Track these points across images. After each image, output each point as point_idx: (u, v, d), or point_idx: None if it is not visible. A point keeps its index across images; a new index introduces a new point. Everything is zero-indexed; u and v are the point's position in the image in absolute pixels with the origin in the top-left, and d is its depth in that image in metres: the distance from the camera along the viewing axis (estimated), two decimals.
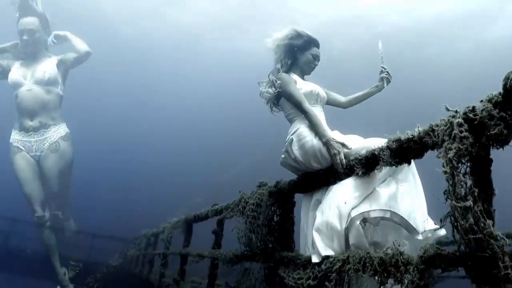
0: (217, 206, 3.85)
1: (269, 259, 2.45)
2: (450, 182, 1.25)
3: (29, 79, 4.12)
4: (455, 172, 1.24)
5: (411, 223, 2.03)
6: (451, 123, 1.35)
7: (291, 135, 2.50)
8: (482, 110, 1.29)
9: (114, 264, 6.11)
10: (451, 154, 1.26)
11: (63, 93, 4.42)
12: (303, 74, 2.86)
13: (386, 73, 2.76)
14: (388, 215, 2.03)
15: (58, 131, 4.27)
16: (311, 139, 2.33)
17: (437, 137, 1.46)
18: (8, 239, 7.61)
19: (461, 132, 1.30)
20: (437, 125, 1.49)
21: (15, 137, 4.32)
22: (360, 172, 1.90)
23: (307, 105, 2.45)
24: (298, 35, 2.80)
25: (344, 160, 2.06)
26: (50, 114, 4.21)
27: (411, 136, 1.60)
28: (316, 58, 2.83)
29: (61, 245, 7.75)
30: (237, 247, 2.92)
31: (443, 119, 1.47)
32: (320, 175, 2.25)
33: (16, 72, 4.15)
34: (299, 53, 2.80)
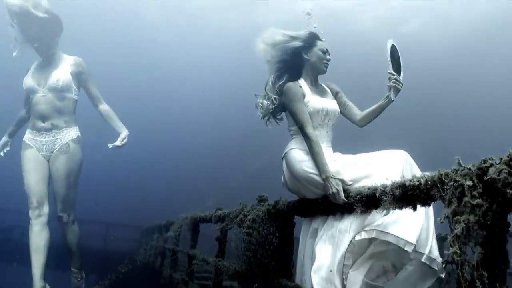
0: (220, 212, 3.76)
1: (267, 286, 2.33)
2: (458, 261, 1.07)
3: (43, 85, 4.12)
4: (462, 250, 1.06)
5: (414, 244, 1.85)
6: (462, 185, 1.15)
7: (283, 155, 2.31)
8: (499, 172, 1.10)
9: (123, 271, 6.17)
10: (459, 228, 1.07)
11: (77, 97, 4.33)
12: (316, 75, 2.49)
13: (394, 80, 2.25)
14: (373, 234, 1.87)
15: (69, 134, 4.25)
16: (300, 168, 2.14)
17: (445, 192, 1.27)
18: (25, 234, 7.75)
19: (473, 198, 1.11)
20: (447, 175, 1.30)
21: (27, 135, 4.29)
22: (359, 211, 1.73)
23: (310, 129, 2.16)
24: (295, 36, 2.43)
25: (344, 199, 1.87)
26: (63, 117, 4.22)
27: (416, 184, 1.41)
28: (326, 52, 2.45)
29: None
30: None
31: (454, 170, 1.28)
32: (318, 204, 2.09)
33: (31, 79, 4.15)
34: (305, 53, 2.43)
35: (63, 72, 4.13)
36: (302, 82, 2.40)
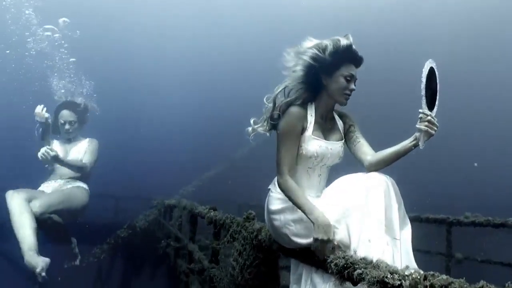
0: (212, 214, 3.61)
1: None
2: None
3: (66, 157, 4.64)
4: None
5: None
6: None
7: (268, 189, 2.05)
8: None
9: (122, 235, 6.25)
10: None
11: (89, 169, 4.87)
12: (332, 105, 2.01)
13: (427, 123, 1.67)
14: None
15: (79, 184, 4.73)
16: (279, 218, 1.88)
17: None
18: None
19: None
20: None
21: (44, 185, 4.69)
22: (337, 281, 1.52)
23: (284, 176, 1.82)
24: (324, 48, 1.86)
25: (326, 255, 1.59)
26: (77, 175, 4.73)
27: (397, 284, 1.17)
28: (351, 79, 1.89)
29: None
30: None
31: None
32: (298, 254, 1.87)
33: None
34: (323, 76, 1.90)
35: (82, 147, 4.81)
36: (311, 109, 1.95)
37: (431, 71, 1.70)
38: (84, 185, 4.76)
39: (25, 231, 3.79)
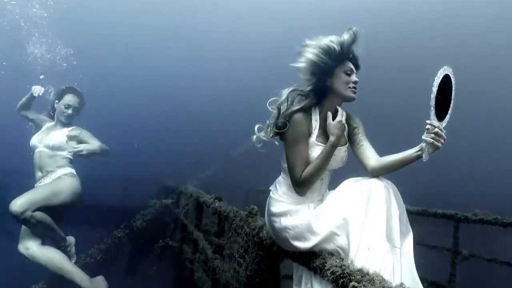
0: (217, 204, 3.63)
1: None
2: None
3: (42, 143, 4.49)
4: None
5: None
6: None
7: (270, 189, 2.03)
8: None
9: (119, 235, 6.24)
10: None
11: (72, 156, 4.57)
12: (339, 104, 1.95)
13: (433, 134, 1.60)
14: None
15: (62, 171, 4.41)
16: (279, 221, 1.86)
17: None
18: None
19: None
20: None
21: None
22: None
23: (299, 185, 1.82)
24: (328, 50, 1.83)
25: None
26: (56, 164, 4.44)
27: None
28: (351, 72, 1.89)
29: (93, 192, 7.99)
30: None
31: None
32: (297, 257, 1.86)
33: (36, 138, 4.53)
34: (326, 76, 1.88)
35: (59, 135, 4.46)
36: (315, 114, 1.93)
37: (446, 78, 1.61)
38: (69, 170, 4.45)
39: (69, 274, 4.02)
